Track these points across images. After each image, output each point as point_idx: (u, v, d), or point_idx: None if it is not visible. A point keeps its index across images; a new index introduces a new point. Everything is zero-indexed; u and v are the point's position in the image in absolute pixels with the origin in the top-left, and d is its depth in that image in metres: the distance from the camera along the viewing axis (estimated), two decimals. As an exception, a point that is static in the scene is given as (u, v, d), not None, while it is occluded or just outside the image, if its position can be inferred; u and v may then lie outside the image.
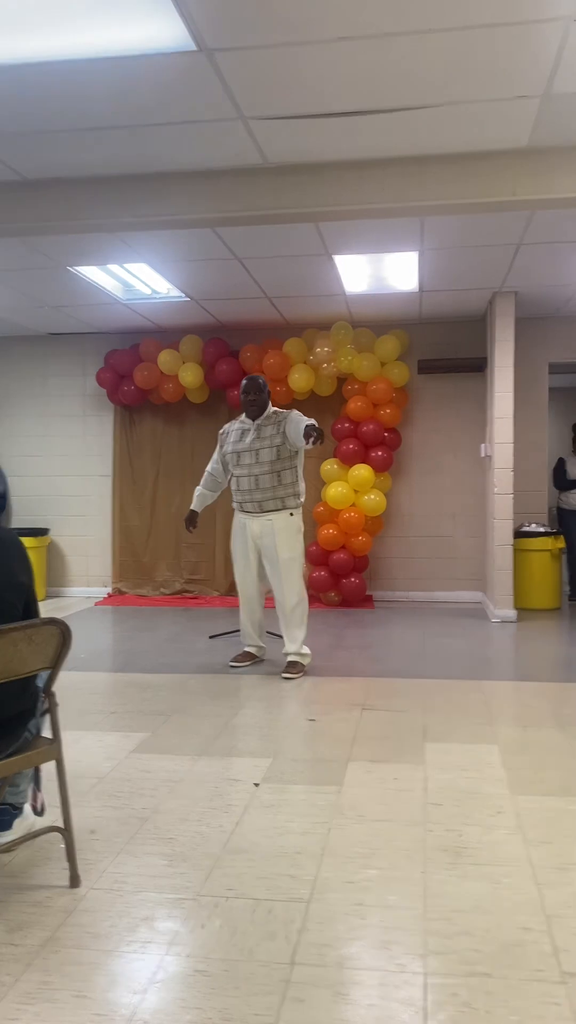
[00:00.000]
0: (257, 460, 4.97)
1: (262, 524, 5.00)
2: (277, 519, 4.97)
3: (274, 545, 4.96)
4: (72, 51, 3.24)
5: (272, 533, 4.97)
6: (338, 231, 5.23)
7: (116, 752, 3.60)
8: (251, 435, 5.06)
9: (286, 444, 4.94)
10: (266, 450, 4.96)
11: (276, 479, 4.95)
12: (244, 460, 5.04)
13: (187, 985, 1.94)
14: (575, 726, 3.93)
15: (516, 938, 2.12)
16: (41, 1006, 1.87)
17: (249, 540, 5.09)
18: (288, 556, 4.98)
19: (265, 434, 5.00)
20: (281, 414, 5.05)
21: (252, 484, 4.99)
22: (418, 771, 3.33)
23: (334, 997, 1.89)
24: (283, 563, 4.97)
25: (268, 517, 4.98)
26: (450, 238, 5.46)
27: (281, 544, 4.96)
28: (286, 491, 4.98)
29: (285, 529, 4.97)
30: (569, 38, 3.17)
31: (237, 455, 5.08)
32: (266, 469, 4.94)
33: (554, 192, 4.17)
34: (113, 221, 4.59)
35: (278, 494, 4.96)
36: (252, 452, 5.01)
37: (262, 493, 4.97)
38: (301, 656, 5.07)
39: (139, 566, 8.43)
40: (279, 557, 4.96)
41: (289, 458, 4.98)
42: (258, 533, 5.03)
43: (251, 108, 3.73)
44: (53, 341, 8.52)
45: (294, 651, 5.06)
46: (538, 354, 7.81)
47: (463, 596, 8.00)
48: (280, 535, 4.96)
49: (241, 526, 5.14)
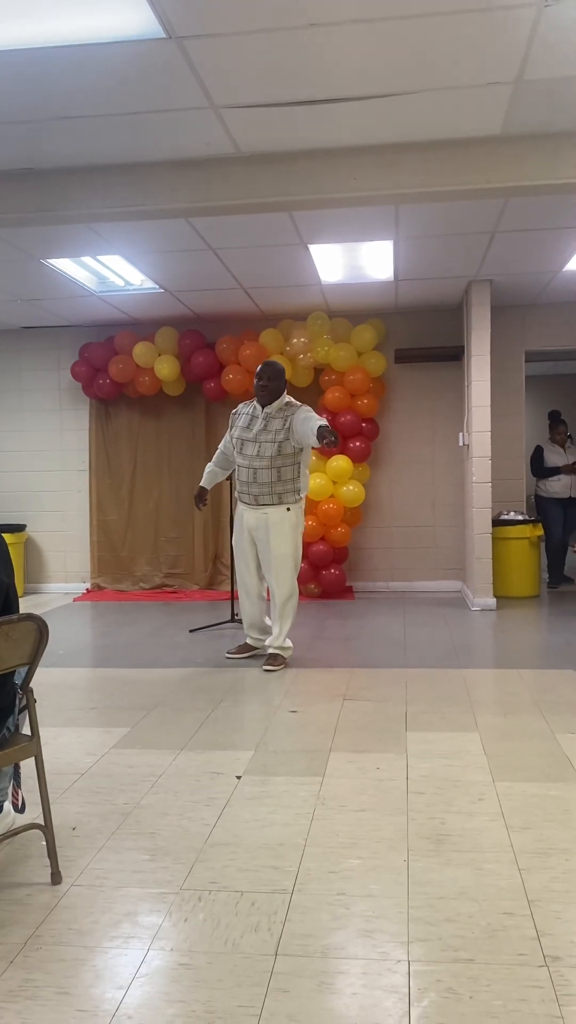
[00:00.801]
0: (258, 453, 4.92)
1: (257, 516, 4.98)
2: (272, 513, 4.94)
3: (267, 539, 4.95)
4: (39, 39, 3.20)
5: (266, 527, 4.94)
6: (313, 220, 5.21)
7: (97, 748, 3.58)
8: (258, 424, 4.98)
9: (290, 440, 4.88)
10: (268, 444, 4.89)
11: (276, 475, 4.90)
12: (247, 450, 4.98)
13: (171, 979, 1.93)
14: (555, 712, 3.96)
15: (499, 923, 2.13)
16: (24, 1003, 1.86)
17: (245, 531, 5.07)
18: (280, 552, 4.95)
19: (272, 427, 4.92)
20: (292, 407, 4.96)
21: (250, 477, 4.95)
22: (400, 760, 3.34)
23: (318, 987, 1.89)
24: (275, 558, 4.95)
25: (264, 511, 4.95)
26: (425, 227, 5.45)
27: (274, 538, 4.93)
28: (284, 487, 4.93)
29: (279, 524, 4.93)
30: (540, 24, 3.16)
31: (241, 443, 5.03)
32: (266, 464, 4.90)
33: (527, 179, 4.18)
34: (85, 212, 4.54)
35: (275, 490, 4.92)
36: (255, 444, 4.94)
37: (259, 487, 4.93)
38: (283, 649, 5.07)
39: (118, 561, 8.39)
40: (271, 551, 4.95)
41: (292, 455, 4.92)
42: (253, 525, 5.01)
43: (222, 96, 3.69)
44: (27, 335, 8.43)
45: (276, 644, 5.06)
46: (514, 342, 7.84)
47: (443, 585, 8.03)
48: (274, 529, 4.93)
49: (240, 516, 5.12)
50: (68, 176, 4.45)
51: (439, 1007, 1.80)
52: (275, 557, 4.95)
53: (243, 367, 7.56)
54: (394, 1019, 1.77)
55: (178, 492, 8.30)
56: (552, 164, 4.15)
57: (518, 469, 7.95)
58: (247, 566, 5.14)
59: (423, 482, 8.06)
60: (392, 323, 7.89)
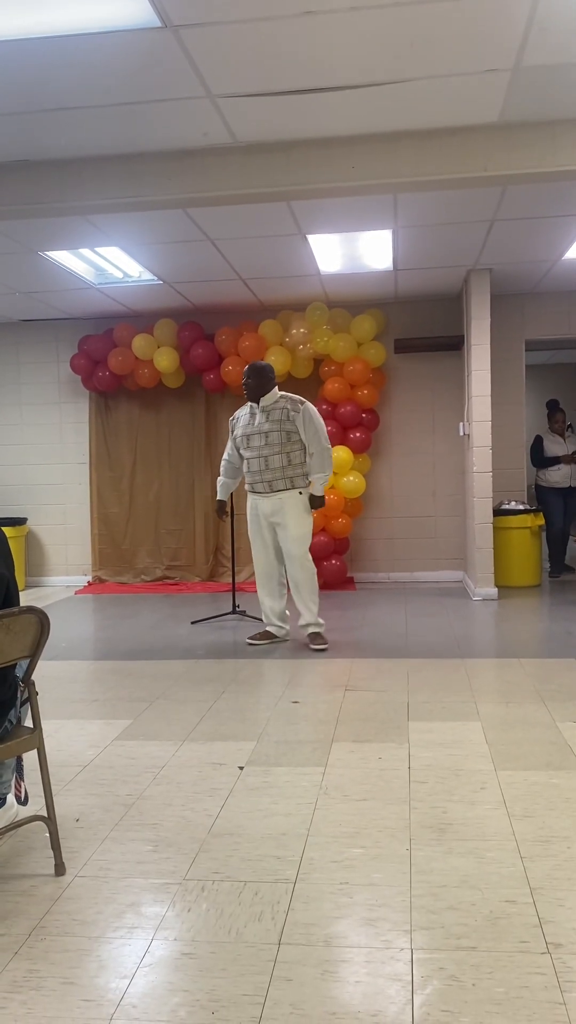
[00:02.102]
0: (267, 442, 5.12)
1: (273, 503, 5.18)
2: (287, 497, 5.16)
3: (285, 523, 5.17)
4: (34, 29, 3.18)
5: (283, 511, 5.16)
6: (311, 210, 5.19)
7: (99, 740, 3.59)
8: (259, 417, 5.19)
9: (297, 432, 5.13)
10: (275, 432, 5.11)
11: (286, 459, 5.13)
12: (254, 442, 5.18)
13: (175, 968, 1.94)
14: (556, 701, 3.97)
15: (501, 911, 2.13)
16: (28, 994, 1.86)
17: (262, 520, 5.26)
18: (297, 533, 5.19)
19: (274, 417, 5.14)
20: (292, 401, 5.17)
21: (262, 465, 5.15)
22: (402, 750, 3.34)
23: (322, 975, 1.90)
24: (292, 539, 5.18)
25: (279, 496, 5.16)
26: (423, 215, 5.43)
27: (291, 522, 5.16)
28: (295, 471, 5.16)
29: (295, 507, 5.16)
30: (538, 10, 3.14)
31: (247, 438, 5.22)
32: (276, 450, 5.12)
33: (526, 167, 4.16)
34: (82, 204, 4.53)
35: (287, 474, 5.15)
36: (261, 434, 5.15)
37: (272, 473, 5.14)
38: (319, 625, 5.33)
39: (119, 553, 8.39)
40: (289, 534, 5.18)
41: (298, 440, 5.16)
42: (269, 512, 5.21)
43: (219, 86, 3.68)
44: (25, 328, 8.42)
45: (312, 621, 5.31)
46: (514, 331, 7.82)
47: (444, 576, 8.03)
48: (290, 512, 5.15)
49: (253, 507, 5.30)
50: (64, 167, 4.43)
51: (442, 994, 1.81)
52: (293, 539, 5.18)
53: (242, 358, 7.54)
54: (397, 1007, 1.78)
55: (178, 484, 8.30)
56: (551, 151, 4.13)
57: (518, 458, 7.94)
58: (266, 554, 5.34)
59: (424, 472, 8.06)
60: (391, 313, 7.87)
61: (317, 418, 5.18)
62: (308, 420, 5.12)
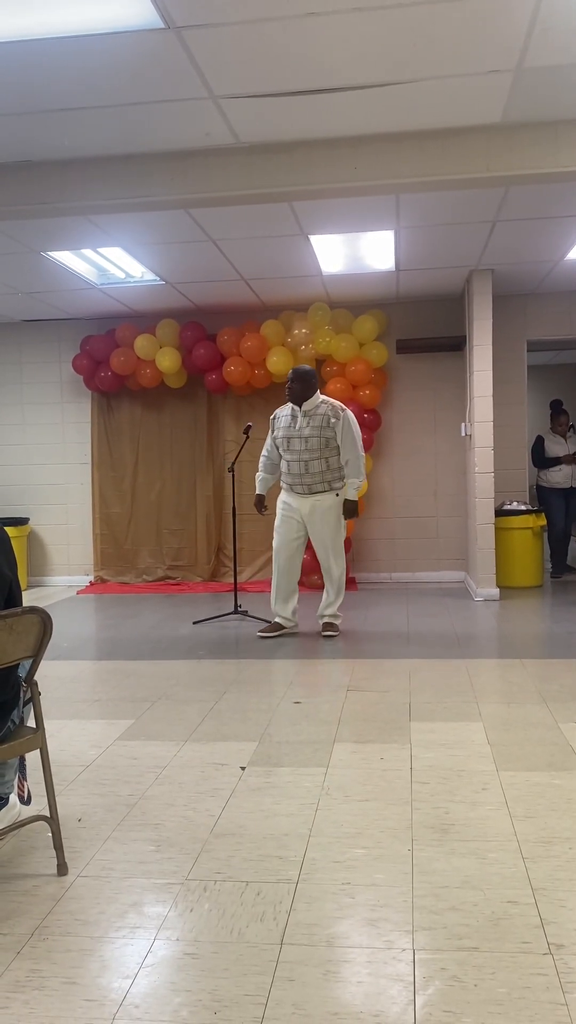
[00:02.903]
0: (307, 447, 5.39)
1: (312, 504, 5.48)
2: (325, 499, 5.47)
3: (324, 522, 5.49)
4: (38, 30, 3.19)
5: (322, 511, 5.47)
6: (313, 210, 5.19)
7: (101, 740, 3.59)
8: (300, 421, 5.44)
9: (335, 438, 5.40)
10: (315, 439, 5.37)
11: (324, 464, 5.42)
12: (294, 445, 5.43)
13: (177, 968, 1.95)
14: (558, 702, 3.97)
15: (503, 912, 2.14)
16: (31, 994, 1.87)
17: (296, 516, 5.54)
18: (335, 530, 5.54)
19: (315, 422, 5.39)
20: (333, 408, 5.43)
21: (302, 469, 5.42)
22: (404, 750, 3.34)
23: (324, 975, 1.90)
24: (332, 538, 5.54)
25: (317, 498, 5.47)
26: (426, 216, 5.43)
27: (330, 521, 5.50)
28: (333, 475, 5.46)
29: (333, 508, 5.49)
30: (540, 11, 3.14)
31: (287, 440, 5.47)
32: (315, 455, 5.39)
33: (528, 168, 4.16)
34: (85, 204, 4.53)
35: (326, 478, 5.44)
36: (301, 439, 5.40)
37: (312, 477, 5.43)
38: (335, 617, 5.71)
39: (121, 553, 8.40)
40: (328, 530, 5.51)
41: (337, 447, 5.44)
42: (308, 512, 5.50)
43: (221, 86, 3.68)
44: (27, 328, 8.42)
45: (334, 613, 5.70)
46: (516, 332, 7.82)
47: (446, 576, 8.03)
48: (328, 513, 5.48)
49: (287, 503, 5.59)
50: (67, 168, 4.44)
51: (444, 995, 1.81)
52: (331, 538, 5.54)
53: (244, 359, 7.55)
54: (399, 1007, 1.78)
55: (180, 484, 8.31)
56: (553, 152, 4.13)
57: (520, 459, 7.94)
58: (288, 549, 5.60)
59: (425, 472, 8.06)
60: (393, 313, 7.87)
61: (355, 426, 5.47)
62: (347, 428, 5.39)
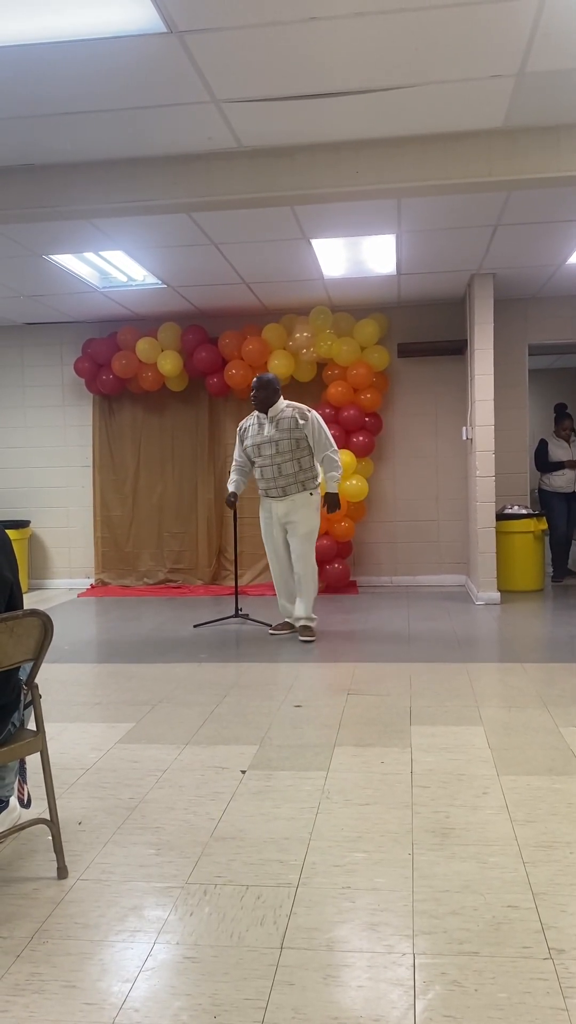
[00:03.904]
0: (277, 450, 5.47)
1: (287, 505, 5.57)
2: (299, 498, 5.56)
3: (296, 520, 5.56)
4: (41, 34, 3.19)
5: (296, 510, 5.56)
6: (315, 214, 5.20)
7: (102, 743, 3.59)
8: (268, 427, 5.52)
9: (305, 439, 5.48)
10: (285, 440, 5.46)
11: (296, 465, 5.50)
12: (265, 451, 5.52)
13: (177, 972, 1.94)
14: (559, 706, 3.96)
15: (504, 916, 2.13)
16: (31, 997, 1.87)
17: (275, 522, 5.64)
18: (306, 529, 5.59)
19: (283, 426, 5.47)
20: (298, 411, 5.51)
21: (275, 472, 5.51)
22: (404, 754, 3.34)
23: (324, 980, 1.90)
24: (300, 536, 5.59)
25: (292, 498, 5.56)
26: (427, 220, 5.44)
27: (301, 520, 5.57)
28: (306, 475, 5.55)
29: (305, 506, 5.57)
30: (542, 16, 3.15)
31: (258, 447, 5.57)
32: (287, 458, 5.47)
33: (530, 172, 4.17)
34: (87, 208, 4.54)
35: (299, 478, 5.53)
36: (271, 443, 5.49)
37: (285, 479, 5.51)
38: (310, 620, 5.71)
39: (122, 556, 8.40)
40: (298, 530, 5.58)
41: (308, 447, 5.53)
42: (283, 513, 5.59)
43: (223, 91, 3.69)
44: (29, 331, 8.44)
45: (304, 615, 5.70)
46: (517, 336, 7.82)
47: (447, 580, 8.03)
48: (301, 511, 5.56)
49: (267, 510, 5.69)
50: (70, 172, 4.44)
51: (444, 1000, 1.81)
52: (301, 535, 5.58)
53: (246, 362, 7.56)
54: (399, 1012, 1.78)
55: (182, 487, 8.31)
56: (555, 156, 4.14)
57: (522, 463, 7.94)
58: (278, 555, 5.73)
59: (427, 476, 8.06)
60: (395, 317, 7.87)
61: (323, 424, 5.59)
62: (317, 427, 5.50)
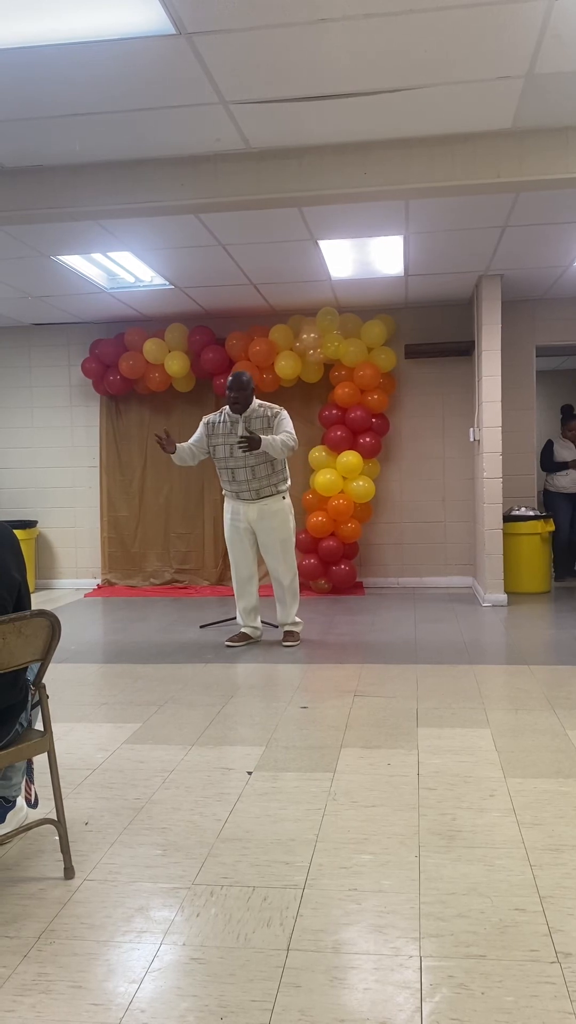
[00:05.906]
0: (252, 452, 5.21)
1: (259, 509, 5.37)
2: (272, 503, 5.37)
3: (272, 527, 5.38)
4: (50, 36, 3.20)
5: (269, 516, 5.37)
6: (322, 216, 5.20)
7: (108, 743, 3.59)
8: (240, 429, 5.29)
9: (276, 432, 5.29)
10: None
11: (270, 467, 5.32)
12: (238, 453, 5.28)
13: (183, 973, 1.94)
14: (566, 708, 3.95)
15: (510, 919, 2.13)
16: (37, 997, 1.87)
17: (243, 524, 5.41)
18: (284, 536, 5.43)
19: (255, 427, 5.28)
20: (270, 409, 5.35)
21: (249, 475, 5.30)
22: (411, 756, 3.34)
23: (330, 982, 1.90)
24: (280, 543, 5.42)
25: (264, 502, 5.36)
26: (435, 221, 5.43)
27: (278, 526, 5.39)
28: (278, 477, 5.38)
29: (280, 512, 5.39)
30: (551, 17, 3.14)
31: (230, 448, 5.31)
32: (262, 460, 5.27)
33: (538, 173, 4.15)
34: (95, 209, 4.54)
35: (272, 481, 5.34)
36: None
37: (259, 482, 5.32)
38: (295, 625, 5.64)
39: (128, 557, 8.41)
40: (276, 538, 5.40)
41: None
42: (255, 517, 5.38)
43: (232, 92, 3.69)
44: (37, 331, 8.46)
45: (289, 622, 5.61)
46: (525, 337, 7.81)
47: (453, 581, 8.02)
48: (276, 517, 5.38)
49: (235, 512, 5.45)
50: (78, 173, 4.45)
51: (451, 1003, 1.81)
52: (280, 541, 5.42)
53: (253, 363, 7.56)
54: (406, 1014, 1.77)
55: (188, 488, 8.32)
56: (563, 158, 4.13)
57: (529, 465, 7.93)
58: (245, 557, 5.50)
59: (433, 478, 8.05)
60: (402, 318, 7.87)
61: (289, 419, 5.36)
62: (286, 420, 5.31)
